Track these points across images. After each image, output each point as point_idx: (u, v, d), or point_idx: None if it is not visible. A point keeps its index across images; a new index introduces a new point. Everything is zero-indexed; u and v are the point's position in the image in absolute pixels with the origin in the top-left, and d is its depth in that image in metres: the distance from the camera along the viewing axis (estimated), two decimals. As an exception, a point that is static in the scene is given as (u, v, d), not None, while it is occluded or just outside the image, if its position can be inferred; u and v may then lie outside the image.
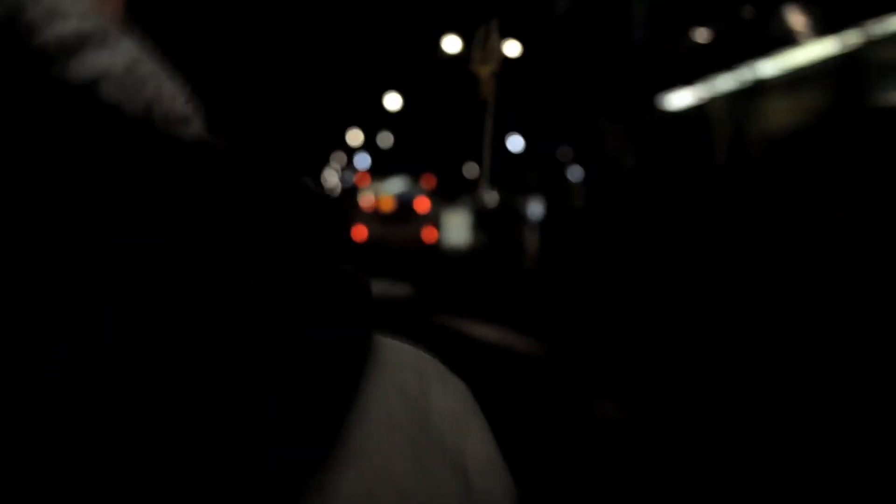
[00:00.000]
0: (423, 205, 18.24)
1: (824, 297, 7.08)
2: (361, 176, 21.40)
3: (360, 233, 17.73)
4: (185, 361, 0.40)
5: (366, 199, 18.55)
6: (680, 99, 11.52)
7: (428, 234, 17.62)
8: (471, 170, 26.09)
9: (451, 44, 11.81)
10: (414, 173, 19.36)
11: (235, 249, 0.43)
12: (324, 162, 28.31)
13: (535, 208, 16.42)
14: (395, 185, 18.92)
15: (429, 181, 19.28)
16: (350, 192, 20.06)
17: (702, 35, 11.43)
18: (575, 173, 18.55)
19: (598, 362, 5.65)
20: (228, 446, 0.40)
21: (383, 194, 18.60)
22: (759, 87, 9.61)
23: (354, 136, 27.23)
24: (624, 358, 5.85)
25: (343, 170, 28.32)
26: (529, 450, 2.71)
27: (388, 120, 24.11)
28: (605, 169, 13.46)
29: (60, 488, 0.38)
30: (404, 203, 18.16)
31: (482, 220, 17.94)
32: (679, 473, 2.93)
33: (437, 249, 17.53)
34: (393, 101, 20.70)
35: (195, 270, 0.41)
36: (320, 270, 0.47)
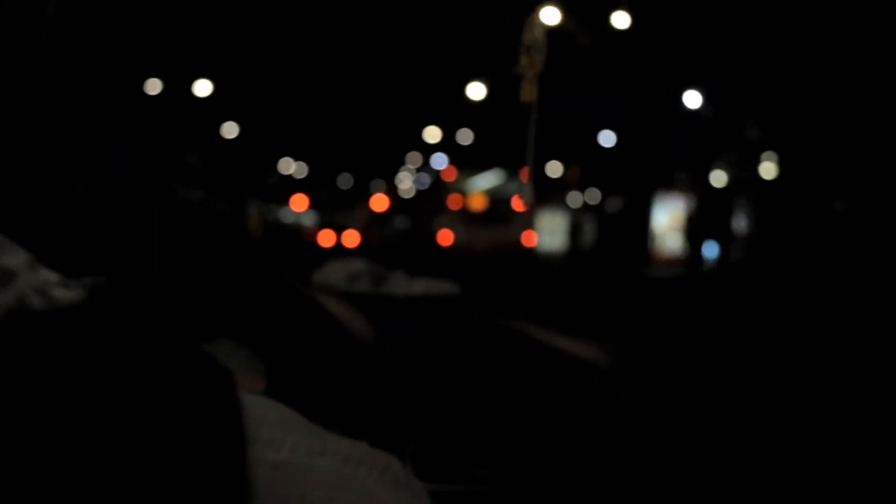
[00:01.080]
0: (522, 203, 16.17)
1: None
2: (448, 171, 19.38)
3: (446, 237, 15.84)
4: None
5: (453, 198, 16.55)
6: None
7: (527, 237, 15.61)
8: (555, 169, 24.13)
9: (549, 15, 10.01)
10: (509, 167, 17.22)
11: None
12: (398, 163, 26.78)
13: (665, 211, 14.43)
14: (487, 181, 16.87)
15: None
16: (432, 191, 18.17)
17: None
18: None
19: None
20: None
21: (473, 191, 16.57)
22: None
23: (431, 134, 25.49)
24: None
25: (418, 171, 26.81)
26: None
27: (469, 114, 22.25)
28: None
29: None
30: (500, 201, 16.05)
31: (582, 222, 16.04)
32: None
33: (533, 254, 15.59)
34: (476, 91, 18.80)
35: None
36: None
